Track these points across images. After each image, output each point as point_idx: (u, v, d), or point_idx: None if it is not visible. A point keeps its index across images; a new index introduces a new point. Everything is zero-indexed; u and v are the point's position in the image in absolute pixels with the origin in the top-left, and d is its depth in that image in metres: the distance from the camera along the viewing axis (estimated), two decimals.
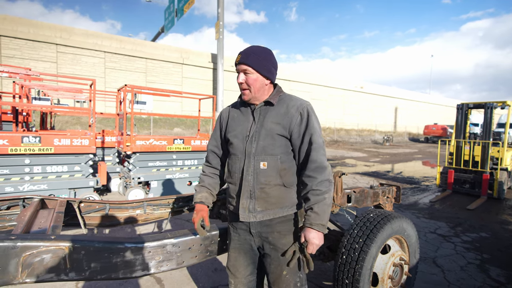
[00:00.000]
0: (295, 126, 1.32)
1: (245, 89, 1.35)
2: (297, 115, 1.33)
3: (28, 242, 1.11)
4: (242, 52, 1.35)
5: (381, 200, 2.58)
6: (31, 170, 3.91)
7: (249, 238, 1.40)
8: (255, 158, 1.32)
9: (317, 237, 1.24)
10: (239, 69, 1.34)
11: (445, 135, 26.25)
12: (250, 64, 1.31)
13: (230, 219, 1.47)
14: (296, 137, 1.33)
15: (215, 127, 1.56)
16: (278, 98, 1.38)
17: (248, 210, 1.33)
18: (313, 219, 1.25)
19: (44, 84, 5.94)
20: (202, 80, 21.33)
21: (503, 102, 5.89)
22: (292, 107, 1.34)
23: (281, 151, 1.33)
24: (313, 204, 1.26)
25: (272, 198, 1.33)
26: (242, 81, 1.35)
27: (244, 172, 1.34)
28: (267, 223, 1.35)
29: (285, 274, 1.34)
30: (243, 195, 1.34)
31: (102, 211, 2.12)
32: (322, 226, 1.25)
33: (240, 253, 1.42)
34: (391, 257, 1.83)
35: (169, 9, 22.19)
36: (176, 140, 5.27)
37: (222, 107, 20.48)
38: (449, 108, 42.03)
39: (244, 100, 1.40)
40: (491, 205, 5.52)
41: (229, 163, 1.43)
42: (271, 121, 1.34)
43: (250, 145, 1.34)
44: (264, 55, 1.35)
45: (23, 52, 15.39)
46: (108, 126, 14.82)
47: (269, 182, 1.31)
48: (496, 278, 2.75)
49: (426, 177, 8.70)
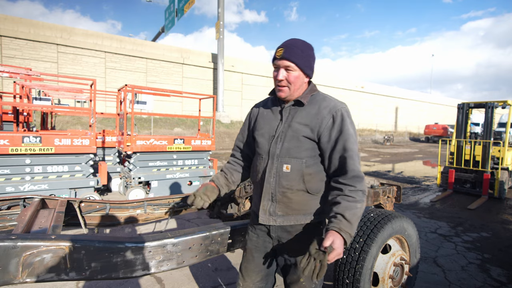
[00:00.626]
0: (325, 129, 1.20)
1: (284, 87, 1.23)
2: (328, 118, 1.21)
3: (29, 241, 1.11)
4: (284, 45, 1.22)
5: (382, 199, 2.58)
6: (32, 170, 3.92)
7: (268, 240, 1.34)
8: (279, 160, 1.25)
9: (342, 246, 1.07)
10: (280, 64, 1.21)
11: (445, 134, 26.22)
12: (295, 60, 1.19)
13: (251, 218, 1.43)
14: (325, 141, 1.21)
15: (244, 122, 1.50)
16: (310, 97, 1.27)
17: (269, 213, 1.28)
18: (343, 225, 1.09)
19: (44, 84, 5.95)
20: (202, 80, 21.33)
21: (504, 102, 5.88)
22: (325, 108, 1.22)
23: (307, 155, 1.22)
24: (345, 210, 1.11)
25: (294, 204, 1.24)
26: (282, 78, 1.22)
27: (266, 174, 1.27)
28: (288, 229, 1.27)
29: (302, 282, 1.28)
30: (264, 197, 1.28)
31: (102, 211, 2.13)
32: (350, 237, 1.09)
33: (254, 256, 1.37)
34: (391, 256, 1.82)
35: (169, 9, 22.21)
36: (176, 140, 5.28)
37: (223, 107, 20.50)
38: (450, 108, 41.97)
39: (279, 97, 1.29)
40: (492, 204, 5.51)
41: (254, 163, 1.38)
42: (298, 121, 1.24)
43: (275, 146, 1.26)
44: (308, 51, 1.24)
45: (24, 52, 15.41)
46: (108, 126, 14.83)
47: (291, 186, 1.23)
48: (497, 278, 2.74)
49: (426, 177, 8.69)
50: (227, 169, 1.52)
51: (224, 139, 18.02)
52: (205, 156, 5.68)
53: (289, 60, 1.19)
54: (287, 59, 1.19)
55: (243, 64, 23.25)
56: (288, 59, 1.19)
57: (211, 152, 5.76)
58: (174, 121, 18.37)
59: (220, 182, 1.47)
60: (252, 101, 23.77)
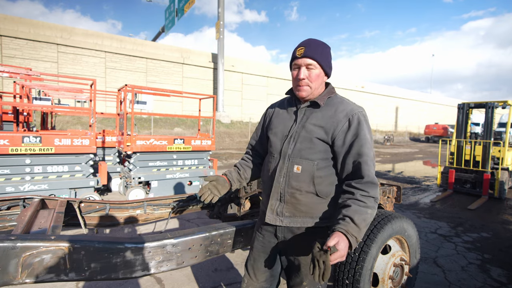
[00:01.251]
0: (340, 132, 1.18)
1: (305, 85, 1.21)
2: (344, 121, 1.18)
3: (28, 242, 1.11)
4: (304, 44, 1.21)
5: (382, 200, 2.57)
6: (32, 170, 3.92)
7: (273, 241, 1.34)
8: (290, 160, 1.23)
9: (346, 249, 1.04)
10: (302, 63, 1.20)
11: (446, 134, 26.22)
12: (317, 58, 1.18)
13: (259, 217, 1.43)
14: (339, 145, 1.19)
15: (259, 121, 1.51)
16: (327, 99, 1.26)
17: (276, 213, 1.27)
18: (351, 228, 1.06)
19: (44, 84, 5.95)
20: (202, 80, 21.33)
21: (504, 102, 5.88)
22: (341, 111, 1.21)
23: (319, 157, 1.20)
24: (354, 213, 1.08)
25: (302, 206, 1.22)
26: (304, 77, 1.20)
27: (276, 173, 1.26)
28: (295, 231, 1.26)
29: (304, 285, 1.28)
30: (273, 196, 1.27)
31: (102, 211, 2.13)
32: (355, 241, 1.06)
33: (260, 256, 1.37)
34: (391, 257, 1.82)
35: (169, 9, 22.22)
36: (176, 140, 5.27)
37: (223, 107, 20.49)
38: (450, 108, 41.96)
39: (300, 97, 1.27)
40: (492, 205, 5.51)
41: (266, 161, 1.38)
42: (313, 123, 1.22)
43: (287, 146, 1.26)
44: (327, 49, 1.24)
45: (24, 52, 15.41)
46: (108, 126, 14.83)
47: (300, 187, 1.21)
48: (497, 278, 2.74)
49: (427, 177, 8.69)
50: (240, 165, 1.51)
51: (224, 139, 18.02)
52: (205, 156, 5.68)
53: (312, 58, 1.18)
54: (309, 57, 1.19)
55: (243, 64, 23.25)
56: (310, 57, 1.18)
57: (211, 152, 5.76)
58: (174, 121, 18.37)
59: (233, 176, 1.47)
60: (253, 101, 23.77)
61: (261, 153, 1.50)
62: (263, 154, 1.49)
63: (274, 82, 24.82)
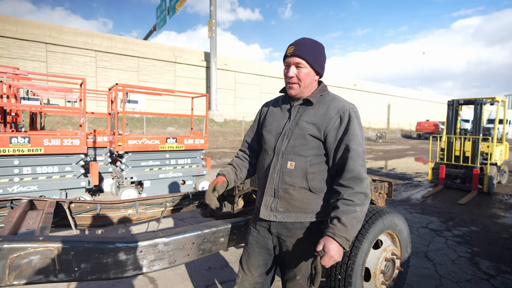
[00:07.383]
0: (332, 129, 1.21)
1: (294, 84, 1.25)
2: (336, 118, 1.22)
3: (15, 243, 1.09)
4: (295, 43, 1.25)
5: (373, 196, 2.60)
6: (21, 171, 3.84)
7: (268, 236, 1.35)
8: (284, 157, 1.26)
9: (337, 250, 1.08)
10: (291, 61, 1.24)
11: (437, 131, 26.60)
12: (305, 57, 1.21)
13: (254, 213, 1.45)
14: (331, 141, 1.22)
15: (254, 119, 1.53)
16: (320, 97, 1.29)
17: (270, 209, 1.29)
18: (338, 230, 1.10)
19: (33, 84, 5.83)
20: (195, 79, 21.19)
21: (492, 98, 5.99)
22: (333, 108, 1.24)
23: (312, 154, 1.23)
24: (342, 214, 1.13)
25: (295, 201, 1.25)
26: (293, 75, 1.24)
27: (270, 170, 1.29)
28: (289, 226, 1.28)
29: (298, 279, 1.30)
30: (267, 192, 1.30)
31: (93, 211, 2.10)
32: (346, 241, 1.10)
33: (255, 251, 1.39)
34: (383, 252, 1.84)
35: (161, 7, 22.01)
36: (169, 139, 5.24)
37: (216, 106, 20.42)
38: (441, 105, 42.60)
39: (289, 95, 1.31)
40: (481, 199, 5.62)
41: (260, 158, 1.40)
42: (306, 120, 1.25)
43: (281, 143, 1.28)
44: (319, 49, 1.26)
45: (11, 51, 15.06)
46: (100, 126, 14.63)
47: (294, 183, 1.24)
48: (486, 270, 2.80)
49: (418, 173, 8.82)
50: (237, 165, 1.52)
51: (218, 138, 17.96)
52: (198, 155, 5.65)
53: (300, 57, 1.21)
54: (298, 56, 1.22)
55: (236, 63, 23.17)
56: (299, 56, 1.21)
57: (204, 151, 5.74)
58: (167, 120, 18.23)
59: (231, 178, 1.48)
60: (246, 99, 23.74)
61: (256, 150, 1.52)
62: (258, 151, 1.51)
63: (267, 81, 24.81)
